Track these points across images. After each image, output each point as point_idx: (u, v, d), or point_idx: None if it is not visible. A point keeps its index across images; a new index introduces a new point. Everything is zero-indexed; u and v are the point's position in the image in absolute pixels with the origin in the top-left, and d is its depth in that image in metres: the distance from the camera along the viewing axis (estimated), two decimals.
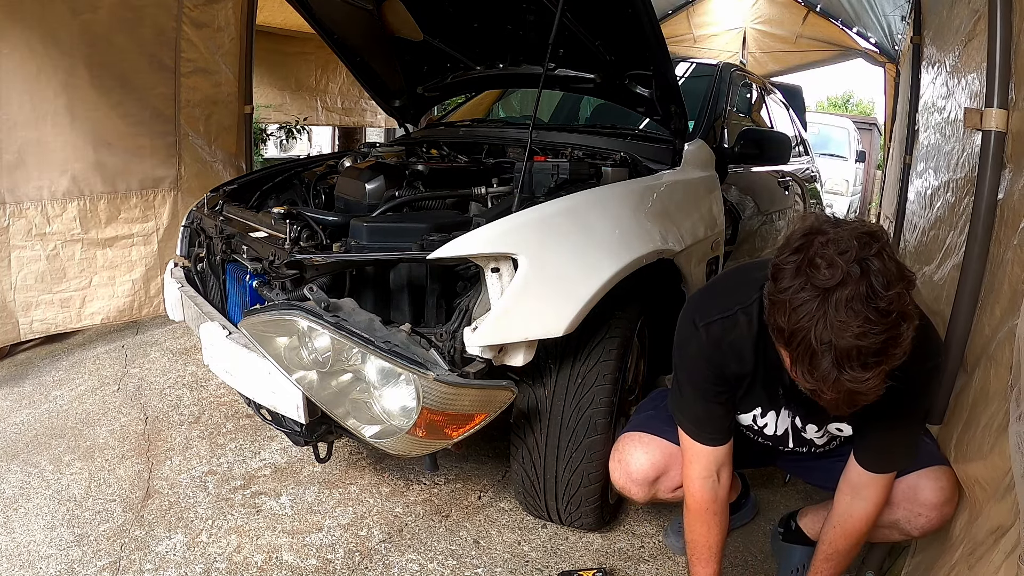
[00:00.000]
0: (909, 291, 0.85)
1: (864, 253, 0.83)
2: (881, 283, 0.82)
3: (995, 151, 1.22)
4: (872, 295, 0.81)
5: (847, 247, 0.84)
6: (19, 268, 2.55)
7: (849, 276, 0.82)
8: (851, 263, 0.82)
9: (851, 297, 0.81)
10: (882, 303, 0.81)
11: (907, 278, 0.85)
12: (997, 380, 1.08)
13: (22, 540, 1.58)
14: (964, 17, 2.05)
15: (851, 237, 0.85)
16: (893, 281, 0.82)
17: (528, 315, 1.23)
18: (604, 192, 1.56)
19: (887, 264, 0.83)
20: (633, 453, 1.33)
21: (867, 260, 0.83)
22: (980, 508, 1.04)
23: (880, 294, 0.81)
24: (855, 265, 0.82)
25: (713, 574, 1.26)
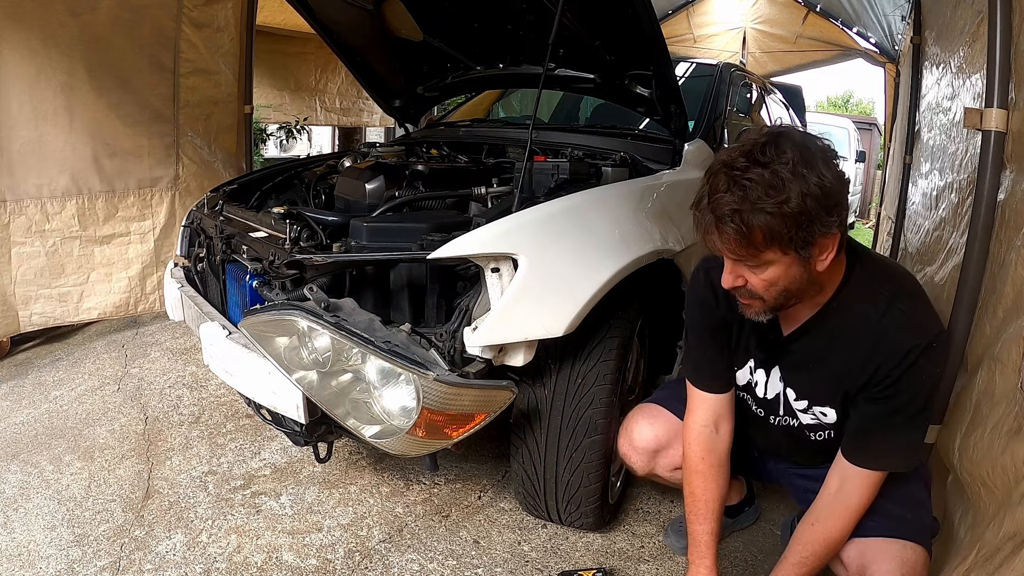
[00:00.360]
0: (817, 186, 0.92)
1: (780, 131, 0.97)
2: (780, 152, 0.93)
3: (995, 151, 1.22)
4: (746, 146, 0.96)
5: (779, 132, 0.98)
6: (19, 263, 2.61)
7: (759, 140, 0.96)
8: (765, 134, 0.97)
9: (751, 146, 0.96)
10: (757, 152, 0.94)
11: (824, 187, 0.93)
12: (1003, 381, 1.07)
13: (22, 540, 1.58)
14: (968, 18, 2.05)
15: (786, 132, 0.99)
16: (781, 151, 0.93)
17: (528, 315, 1.23)
18: (604, 192, 1.56)
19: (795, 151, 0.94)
20: (639, 423, 1.41)
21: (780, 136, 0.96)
22: (987, 511, 1.04)
23: (751, 147, 0.95)
24: (768, 134, 0.97)
25: (711, 532, 1.24)
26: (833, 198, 0.94)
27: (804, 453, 1.32)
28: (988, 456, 1.05)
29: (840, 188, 0.95)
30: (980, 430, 1.11)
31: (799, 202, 0.91)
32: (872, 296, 1.07)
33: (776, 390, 1.25)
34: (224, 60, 3.14)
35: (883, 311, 1.05)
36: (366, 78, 2.51)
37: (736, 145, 0.99)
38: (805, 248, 0.96)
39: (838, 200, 0.95)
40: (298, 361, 1.25)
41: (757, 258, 0.98)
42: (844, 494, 1.12)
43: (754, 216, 0.92)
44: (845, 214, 0.97)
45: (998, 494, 1.00)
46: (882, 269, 1.12)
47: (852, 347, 1.08)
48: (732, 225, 0.94)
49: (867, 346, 1.06)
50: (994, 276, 1.22)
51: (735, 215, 0.93)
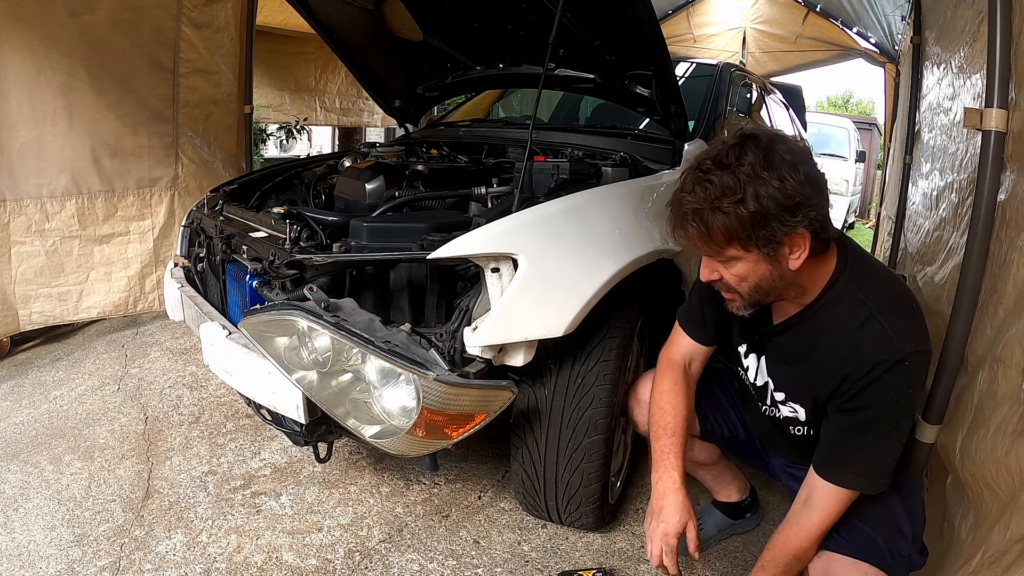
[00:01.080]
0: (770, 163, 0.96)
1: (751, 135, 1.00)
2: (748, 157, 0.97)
3: (995, 151, 1.22)
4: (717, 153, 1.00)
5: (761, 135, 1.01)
6: (19, 263, 2.63)
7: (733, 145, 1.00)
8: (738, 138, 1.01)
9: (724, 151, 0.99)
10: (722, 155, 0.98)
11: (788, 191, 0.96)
12: (1007, 382, 1.07)
13: (22, 540, 1.58)
14: (969, 18, 2.05)
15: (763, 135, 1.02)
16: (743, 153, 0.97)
17: (528, 315, 1.23)
18: (604, 192, 1.56)
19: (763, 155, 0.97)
20: (646, 380, 1.45)
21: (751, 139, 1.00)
22: (990, 512, 1.03)
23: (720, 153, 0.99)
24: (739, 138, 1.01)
25: (679, 445, 1.22)
26: (794, 199, 0.95)
27: (789, 447, 1.32)
28: (992, 457, 1.05)
29: (806, 190, 0.96)
30: (983, 431, 1.11)
31: (755, 203, 0.95)
32: (855, 305, 1.05)
33: (764, 379, 1.26)
34: (224, 60, 3.14)
35: (862, 322, 1.04)
36: (366, 78, 2.51)
37: (710, 148, 1.04)
38: (768, 246, 0.98)
39: (801, 201, 0.96)
40: (298, 361, 1.25)
41: (722, 254, 1.02)
42: (809, 506, 1.11)
43: (712, 216, 0.97)
44: (815, 214, 0.97)
45: (1002, 496, 1.00)
46: (873, 278, 1.09)
47: (828, 352, 1.08)
48: (693, 224, 1.00)
49: (841, 354, 1.06)
50: (994, 276, 1.22)
51: (696, 214, 0.99)
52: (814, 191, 0.97)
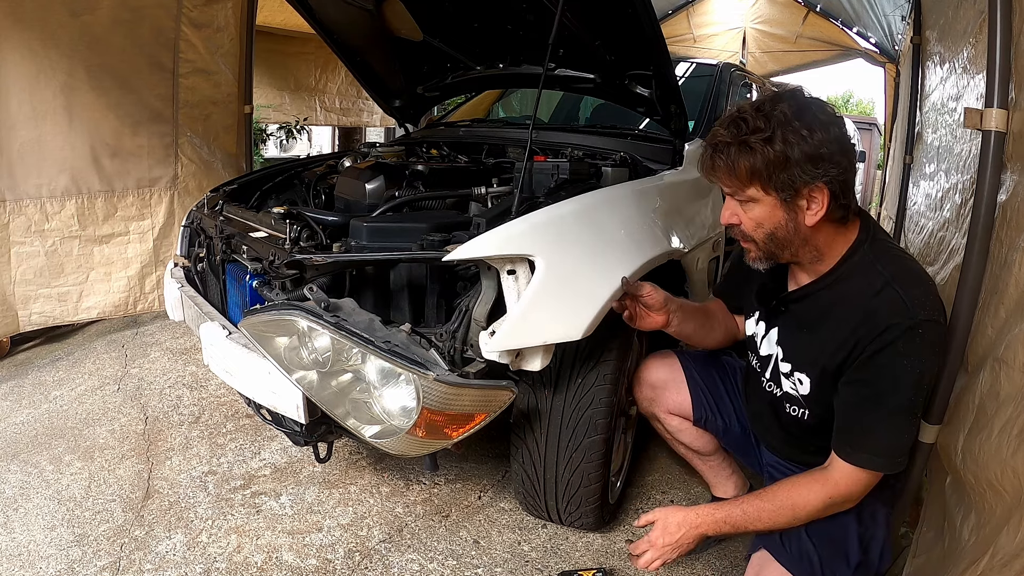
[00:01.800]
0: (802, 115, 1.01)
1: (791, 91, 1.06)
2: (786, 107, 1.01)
3: (995, 151, 1.22)
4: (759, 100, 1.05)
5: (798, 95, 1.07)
6: (19, 263, 2.62)
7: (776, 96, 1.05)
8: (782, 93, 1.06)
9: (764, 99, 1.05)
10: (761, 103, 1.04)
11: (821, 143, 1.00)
12: (1009, 383, 1.07)
13: (22, 540, 1.58)
14: (971, 18, 2.04)
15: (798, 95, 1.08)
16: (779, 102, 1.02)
17: (547, 318, 1.20)
18: (615, 193, 1.56)
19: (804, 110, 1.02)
20: (651, 361, 1.54)
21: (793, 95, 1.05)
22: (993, 513, 1.03)
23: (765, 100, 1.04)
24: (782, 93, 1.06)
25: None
26: (818, 151, 0.99)
27: (781, 432, 1.31)
28: (996, 458, 1.04)
29: (832, 148, 1.00)
30: (986, 432, 1.10)
31: (782, 146, 0.99)
32: (872, 275, 1.07)
33: (769, 350, 1.26)
34: (224, 60, 3.14)
35: (878, 290, 1.05)
36: (366, 78, 2.50)
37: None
38: (786, 191, 1.02)
39: (826, 156, 0.99)
40: (298, 361, 1.25)
41: (743, 192, 1.06)
42: (827, 471, 1.10)
43: (740, 150, 1.02)
44: (837, 173, 1.01)
45: (1007, 497, 0.99)
46: (891, 252, 1.10)
47: (842, 320, 1.09)
48: (721, 157, 1.05)
49: (854, 321, 1.06)
50: (995, 276, 1.22)
51: (724, 147, 1.04)
52: (841, 153, 1.01)
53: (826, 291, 1.13)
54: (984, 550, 0.97)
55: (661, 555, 1.13)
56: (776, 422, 1.30)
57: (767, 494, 1.13)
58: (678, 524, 1.13)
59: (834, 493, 1.09)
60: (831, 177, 1.00)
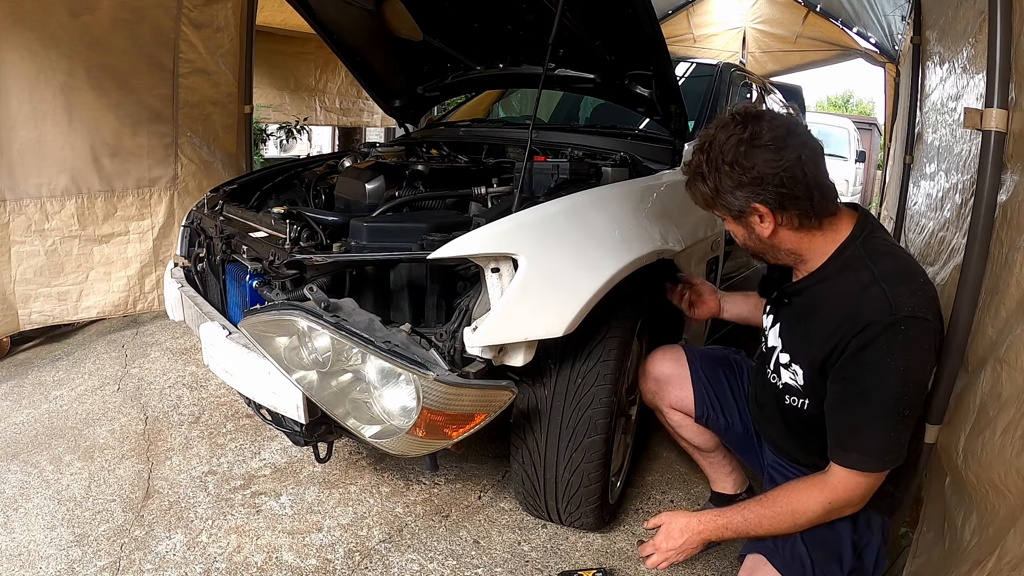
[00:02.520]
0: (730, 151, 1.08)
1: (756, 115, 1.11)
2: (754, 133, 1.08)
3: (995, 151, 1.22)
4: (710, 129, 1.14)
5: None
6: (19, 262, 2.63)
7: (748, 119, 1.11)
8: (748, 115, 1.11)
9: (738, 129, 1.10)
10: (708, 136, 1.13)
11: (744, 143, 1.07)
12: (1011, 383, 1.07)
13: (22, 540, 1.58)
14: (971, 18, 2.04)
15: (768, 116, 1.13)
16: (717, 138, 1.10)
17: (528, 315, 1.23)
18: (604, 192, 1.56)
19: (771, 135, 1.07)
20: (657, 354, 1.57)
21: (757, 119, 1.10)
22: (997, 514, 1.03)
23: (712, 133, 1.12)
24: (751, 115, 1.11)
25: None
26: (745, 178, 1.07)
27: (781, 422, 1.31)
28: (1000, 459, 1.04)
29: (765, 170, 1.06)
30: (988, 432, 1.10)
31: (714, 181, 1.11)
32: (861, 271, 1.09)
33: (773, 341, 1.28)
34: (224, 60, 3.14)
35: (864, 286, 1.07)
36: (366, 78, 2.50)
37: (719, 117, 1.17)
38: (732, 212, 1.13)
39: (755, 181, 1.07)
40: (298, 361, 1.25)
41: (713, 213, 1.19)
42: (825, 475, 1.11)
43: (692, 183, 1.17)
44: (770, 194, 1.07)
45: (1011, 498, 0.99)
46: (884, 250, 1.11)
47: (828, 317, 1.11)
48: (688, 188, 1.19)
49: (840, 316, 1.08)
50: (995, 276, 1.22)
51: (689, 180, 1.18)
52: (777, 173, 1.06)
53: (817, 286, 1.16)
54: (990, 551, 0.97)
55: (666, 558, 1.17)
56: (779, 415, 1.30)
57: (768, 500, 1.14)
58: (680, 529, 1.16)
59: (833, 498, 1.09)
60: (764, 197, 1.07)
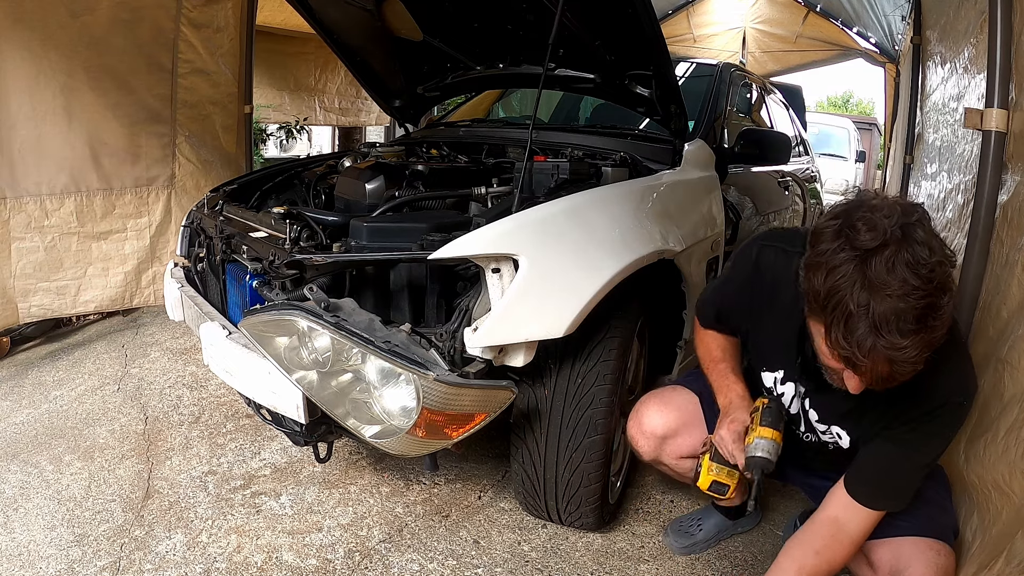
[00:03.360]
0: (950, 265, 0.84)
1: (906, 219, 0.83)
2: (923, 249, 0.81)
3: (995, 151, 1.22)
4: (913, 259, 0.80)
5: (890, 212, 0.83)
6: (19, 258, 2.66)
7: (890, 238, 0.81)
8: (893, 226, 0.82)
9: (891, 259, 0.80)
10: (923, 268, 0.80)
11: (947, 253, 0.84)
12: (1014, 383, 1.07)
13: (22, 540, 1.58)
14: (972, 18, 2.05)
15: (893, 204, 0.85)
16: (936, 249, 0.82)
17: (528, 316, 1.22)
18: (604, 192, 1.56)
19: (929, 233, 0.83)
20: (650, 408, 1.43)
21: (909, 226, 0.82)
22: (1000, 515, 1.03)
23: (922, 259, 0.80)
24: (897, 229, 0.82)
25: (729, 367, 1.30)
26: (947, 262, 0.85)
27: (824, 462, 1.32)
28: (1004, 460, 1.04)
29: (945, 248, 0.86)
30: (990, 433, 1.10)
31: (953, 296, 0.86)
32: None
33: (797, 407, 1.25)
34: (223, 60, 3.14)
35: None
36: (366, 78, 2.50)
37: (850, 254, 0.84)
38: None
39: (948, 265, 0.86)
40: (298, 361, 1.25)
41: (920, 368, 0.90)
42: (844, 526, 1.11)
43: (935, 340, 0.85)
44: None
45: (1016, 500, 0.99)
46: None
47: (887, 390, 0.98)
48: (914, 364, 0.85)
49: (907, 390, 0.98)
50: (996, 277, 1.22)
51: (920, 353, 0.84)
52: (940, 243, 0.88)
53: None
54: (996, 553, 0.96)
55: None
56: (816, 457, 1.31)
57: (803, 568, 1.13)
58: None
59: (860, 542, 1.11)
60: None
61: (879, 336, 0.82)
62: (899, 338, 0.81)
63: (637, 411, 1.45)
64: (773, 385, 1.28)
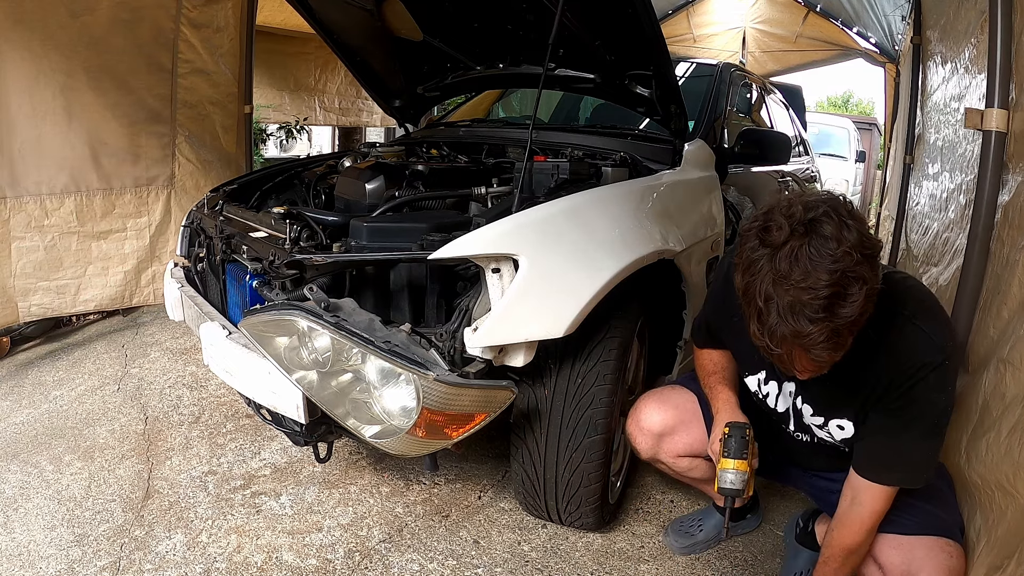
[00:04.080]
0: (866, 257, 0.87)
1: (814, 215, 0.88)
2: (828, 241, 0.86)
3: (995, 151, 1.22)
4: (816, 251, 0.86)
5: (797, 211, 0.89)
6: (19, 257, 2.67)
7: (794, 233, 0.87)
8: (798, 223, 0.88)
9: (794, 252, 0.86)
10: (826, 260, 0.85)
11: (866, 245, 0.88)
12: (1015, 383, 1.07)
13: (22, 540, 1.58)
14: (972, 19, 2.05)
15: (810, 200, 0.91)
16: (844, 240, 0.86)
17: (528, 316, 1.22)
18: (604, 192, 1.56)
19: (838, 225, 0.87)
20: (648, 405, 1.46)
21: (816, 220, 0.88)
22: (1005, 516, 1.02)
23: (825, 251, 0.85)
24: (801, 225, 0.88)
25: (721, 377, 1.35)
26: (866, 242, 0.88)
27: (821, 461, 1.33)
28: (1008, 460, 1.04)
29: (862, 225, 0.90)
30: (992, 433, 1.10)
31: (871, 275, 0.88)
32: (891, 312, 1.04)
33: (786, 404, 1.26)
34: (223, 60, 3.15)
35: (901, 327, 1.04)
36: (366, 78, 2.50)
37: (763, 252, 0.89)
38: (872, 305, 0.92)
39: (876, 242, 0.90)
40: (298, 361, 1.25)
41: (845, 350, 0.94)
42: (857, 506, 1.13)
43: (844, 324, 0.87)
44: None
45: (1020, 499, 0.99)
46: (900, 286, 1.08)
47: (869, 363, 1.07)
48: (827, 348, 0.89)
49: (883, 361, 1.05)
50: (997, 276, 1.22)
51: (828, 338, 0.88)
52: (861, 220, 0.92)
53: None
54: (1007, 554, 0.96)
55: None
56: (812, 457, 1.32)
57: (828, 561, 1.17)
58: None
59: (875, 521, 1.13)
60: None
61: (785, 324, 0.88)
62: (806, 325, 0.87)
63: (636, 409, 1.48)
64: (758, 388, 1.30)
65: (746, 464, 1.22)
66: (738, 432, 1.23)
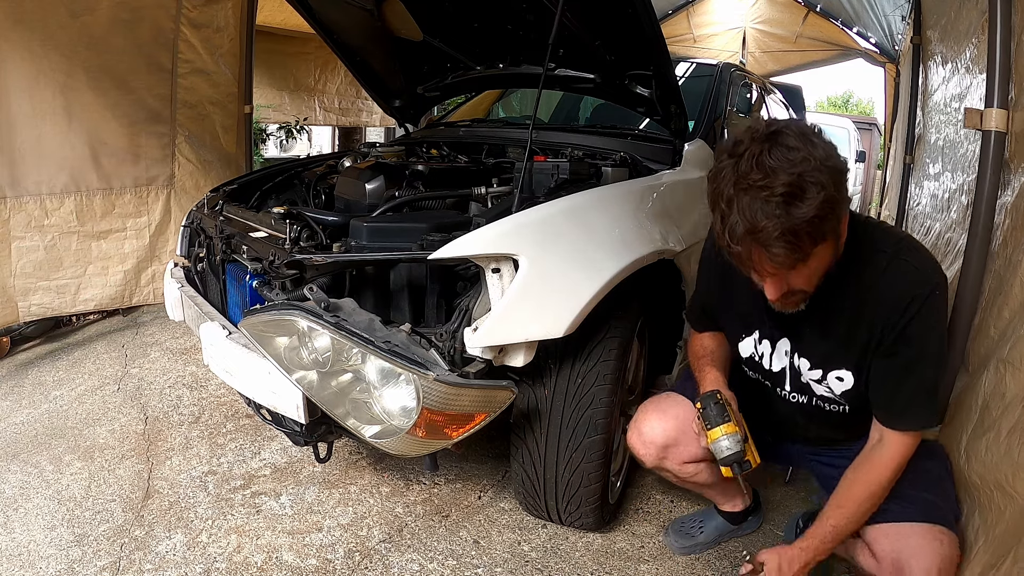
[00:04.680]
0: (828, 168, 0.91)
1: (777, 128, 0.94)
2: (787, 150, 0.91)
3: (995, 151, 1.22)
4: (775, 156, 0.91)
5: (761, 126, 0.96)
6: (19, 257, 2.67)
7: (756, 140, 0.93)
8: (761, 135, 0.94)
9: (756, 155, 0.92)
10: (784, 163, 0.90)
11: (830, 159, 0.92)
12: (1016, 383, 1.07)
13: (22, 540, 1.58)
14: (973, 19, 2.05)
15: (773, 121, 0.97)
16: (804, 151, 0.91)
17: (528, 316, 1.23)
18: (604, 192, 1.56)
19: (802, 139, 0.92)
20: (649, 416, 1.42)
21: (778, 132, 0.93)
22: (1003, 516, 1.02)
23: (784, 157, 0.90)
24: (764, 135, 0.93)
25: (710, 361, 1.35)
26: (831, 160, 0.93)
27: (818, 428, 1.31)
28: (1007, 460, 1.04)
29: (829, 146, 0.95)
30: (992, 433, 1.10)
31: (832, 183, 0.92)
32: (875, 252, 1.08)
33: (782, 363, 1.25)
34: (223, 60, 3.15)
35: (886, 265, 1.07)
36: (366, 78, 2.50)
37: (729, 161, 0.95)
38: (838, 224, 0.97)
39: (838, 159, 0.95)
40: (298, 361, 1.25)
41: (806, 262, 0.96)
42: (882, 444, 1.14)
43: (801, 224, 0.90)
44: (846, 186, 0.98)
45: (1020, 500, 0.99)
46: (880, 227, 1.13)
47: (861, 305, 1.09)
48: (783, 246, 0.92)
49: (874, 301, 1.08)
50: (998, 277, 1.22)
51: (784, 235, 0.91)
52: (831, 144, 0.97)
53: (838, 282, 1.09)
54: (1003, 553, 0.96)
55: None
56: (810, 423, 1.31)
57: (843, 500, 1.16)
58: (790, 561, 1.18)
59: (897, 464, 1.13)
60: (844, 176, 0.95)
61: (744, 220, 0.92)
62: (761, 219, 0.90)
63: (636, 421, 1.44)
64: (753, 350, 1.30)
65: (733, 426, 1.19)
66: (708, 400, 1.23)
